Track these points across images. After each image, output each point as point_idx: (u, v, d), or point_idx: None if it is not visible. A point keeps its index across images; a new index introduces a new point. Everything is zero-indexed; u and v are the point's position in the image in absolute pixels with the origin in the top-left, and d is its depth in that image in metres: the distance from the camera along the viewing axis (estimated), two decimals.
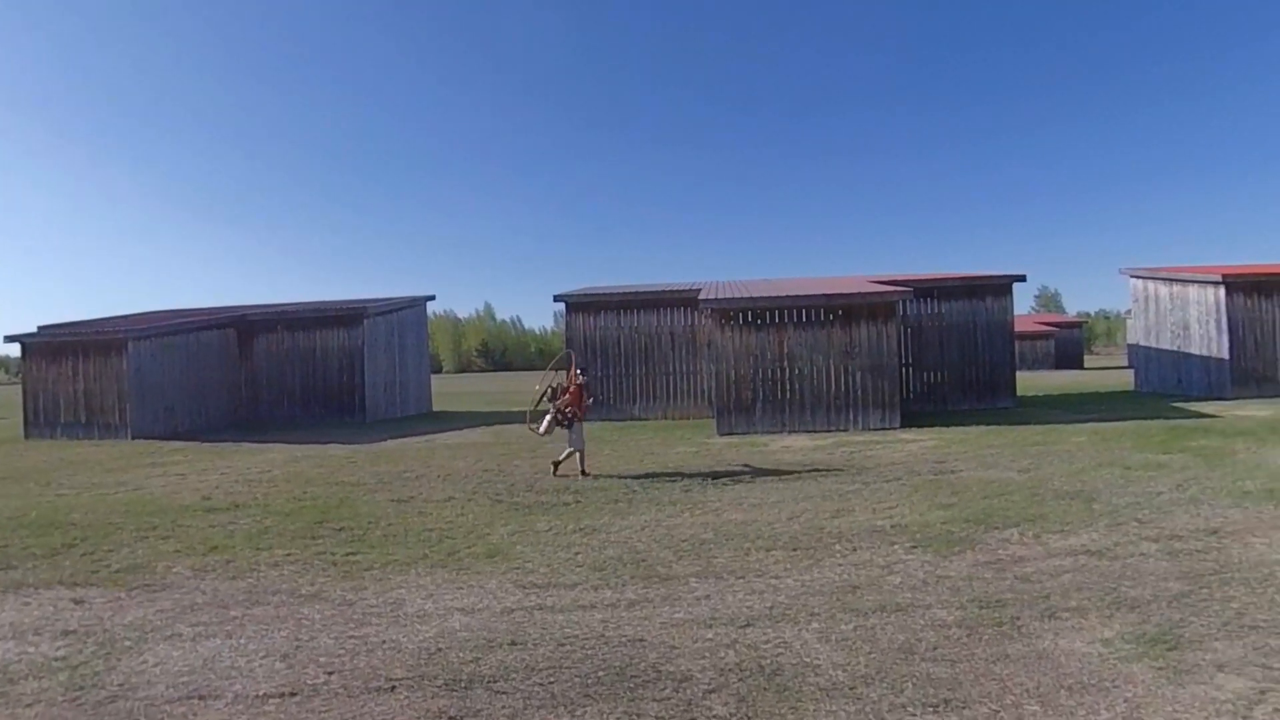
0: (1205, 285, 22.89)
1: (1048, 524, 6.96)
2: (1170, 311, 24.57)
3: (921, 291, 19.84)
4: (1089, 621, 4.58)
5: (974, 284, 20.33)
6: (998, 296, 20.39)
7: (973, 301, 20.23)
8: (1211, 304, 22.60)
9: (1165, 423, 15.04)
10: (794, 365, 15.33)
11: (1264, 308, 22.17)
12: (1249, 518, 7.07)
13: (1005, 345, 20.44)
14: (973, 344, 20.19)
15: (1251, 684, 3.70)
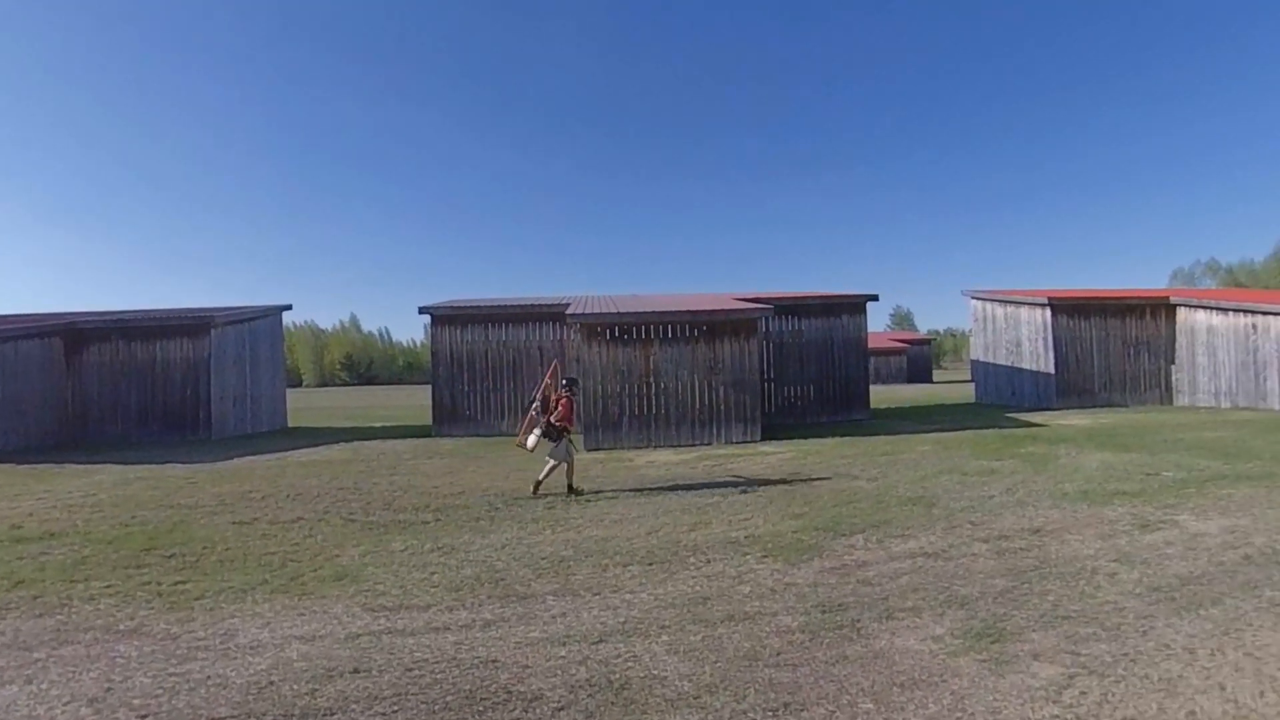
0: (1035, 307, 25.07)
1: (891, 529, 7.37)
2: (1005, 330, 26.73)
3: (783, 309, 20.68)
4: (923, 620, 4.87)
5: (831, 303, 21.38)
6: (853, 315, 21.54)
7: (830, 319, 21.27)
8: (1040, 324, 24.78)
9: (999, 431, 16.31)
10: (660, 381, 15.56)
11: (1083, 327, 24.52)
12: (1066, 517, 7.75)
13: (860, 361, 21.59)
14: (830, 360, 21.22)
15: (1061, 670, 4.04)
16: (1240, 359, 22.90)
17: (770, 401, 20.60)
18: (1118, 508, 8.09)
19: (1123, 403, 24.31)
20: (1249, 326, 22.70)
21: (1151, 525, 7.25)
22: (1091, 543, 6.66)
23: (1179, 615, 4.79)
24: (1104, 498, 8.64)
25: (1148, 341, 24.92)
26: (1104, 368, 24.52)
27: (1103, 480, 9.76)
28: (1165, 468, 10.69)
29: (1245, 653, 4.19)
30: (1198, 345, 24.22)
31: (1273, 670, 3.96)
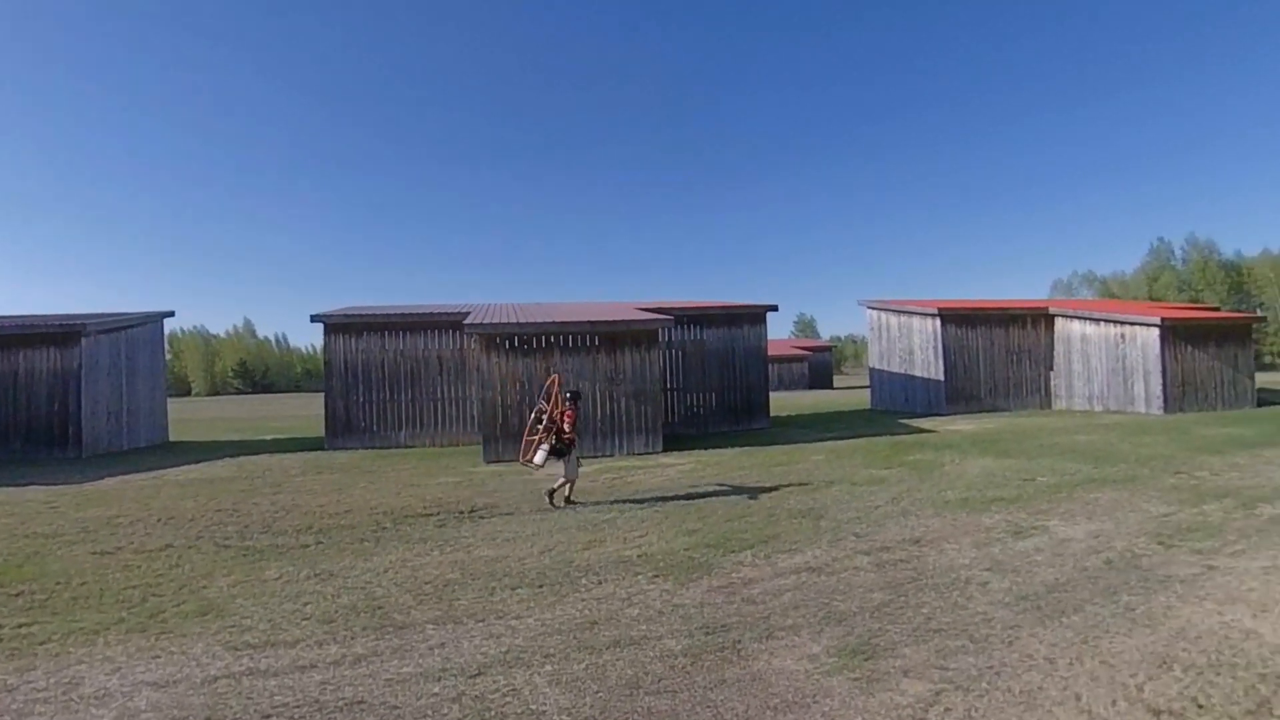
0: (926, 317, 26.12)
1: (779, 544, 7.45)
2: (899, 339, 27.75)
3: (685, 319, 20.86)
4: (801, 639, 4.91)
5: (733, 313, 21.70)
6: (754, 324, 21.93)
7: (732, 329, 21.58)
8: (930, 333, 25.83)
9: (891, 438, 16.86)
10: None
11: (970, 336, 25.70)
12: (946, 526, 8.02)
13: (760, 370, 21.98)
14: (732, 369, 21.52)
15: (929, 686, 4.13)
16: (1111, 366, 24.49)
17: (673, 411, 20.73)
18: (994, 514, 8.45)
19: (1006, 408, 25.59)
20: (1118, 336, 24.31)
21: (1024, 532, 7.60)
22: (967, 551, 6.91)
23: (1043, 624, 4.99)
24: (982, 504, 9.02)
25: (1029, 349, 26.35)
26: (989, 374, 25.78)
27: (983, 487, 10.19)
28: (1040, 473, 11.27)
29: (1101, 661, 4.39)
30: (1073, 353, 25.76)
31: (1125, 678, 4.16)
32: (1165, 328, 23.11)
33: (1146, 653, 4.47)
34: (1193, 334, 23.91)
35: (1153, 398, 23.17)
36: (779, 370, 59.81)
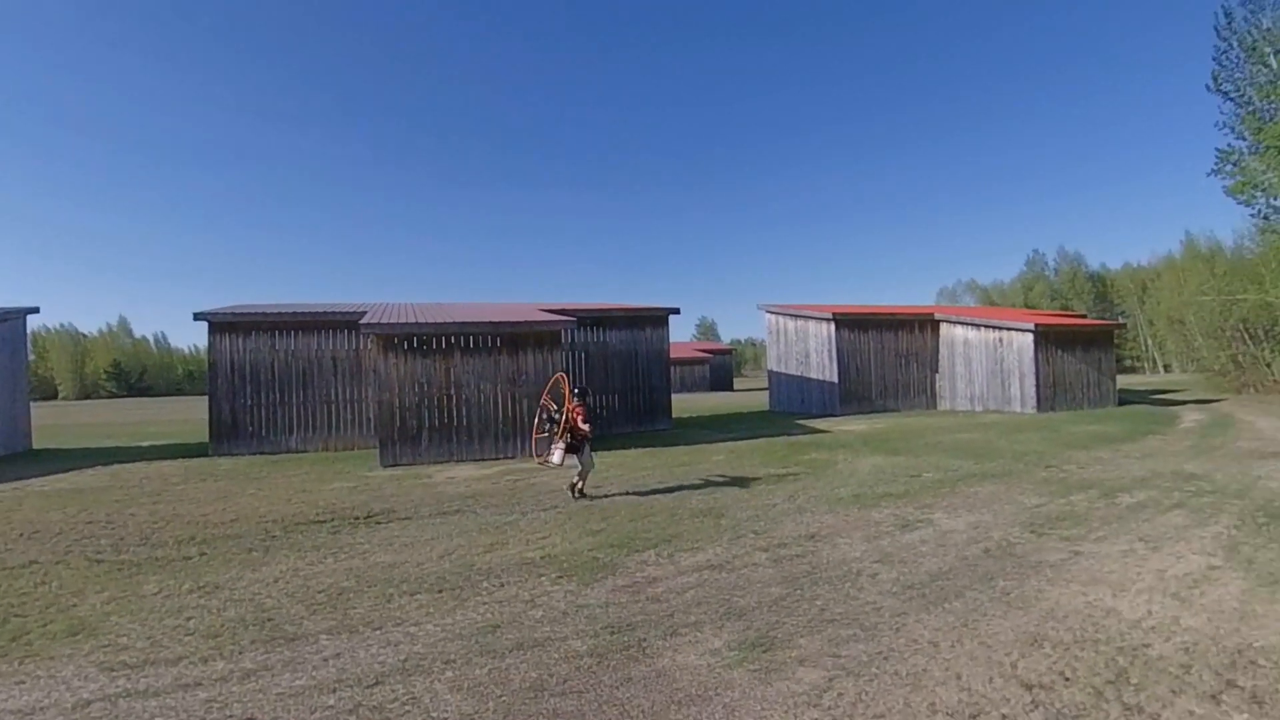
0: (821, 321, 27.02)
1: (682, 543, 7.56)
2: (796, 342, 28.59)
3: (588, 321, 20.86)
4: (704, 635, 5.01)
5: (636, 315, 21.85)
6: (656, 327, 22.15)
7: (634, 331, 21.73)
8: (825, 337, 26.73)
9: (788, 439, 17.36)
10: (462, 393, 15.13)
11: (862, 341, 26.74)
12: (839, 521, 8.33)
13: (663, 372, 22.22)
14: (634, 371, 21.67)
15: (824, 674, 4.29)
16: (990, 368, 25.99)
17: None
18: (884, 509, 8.84)
19: (896, 408, 26.77)
20: (997, 340, 25.82)
21: (911, 525, 7.98)
22: (859, 545, 7.21)
23: (928, 610, 5.27)
24: (873, 500, 9.42)
25: (916, 353, 27.65)
26: (880, 377, 26.91)
27: (873, 483, 10.65)
28: (926, 469, 11.86)
29: (980, 642, 4.68)
30: (956, 356, 27.20)
31: (1001, 657, 4.44)
32: (1038, 333, 24.71)
33: (1020, 633, 4.80)
34: (1062, 339, 25.67)
35: (1027, 398, 24.74)
36: (681, 372, 60.64)
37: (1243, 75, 28.25)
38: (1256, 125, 27.73)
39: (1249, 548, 6.85)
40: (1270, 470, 11.45)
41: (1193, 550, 6.79)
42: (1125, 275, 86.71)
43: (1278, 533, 7.38)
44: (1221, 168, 29.01)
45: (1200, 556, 6.58)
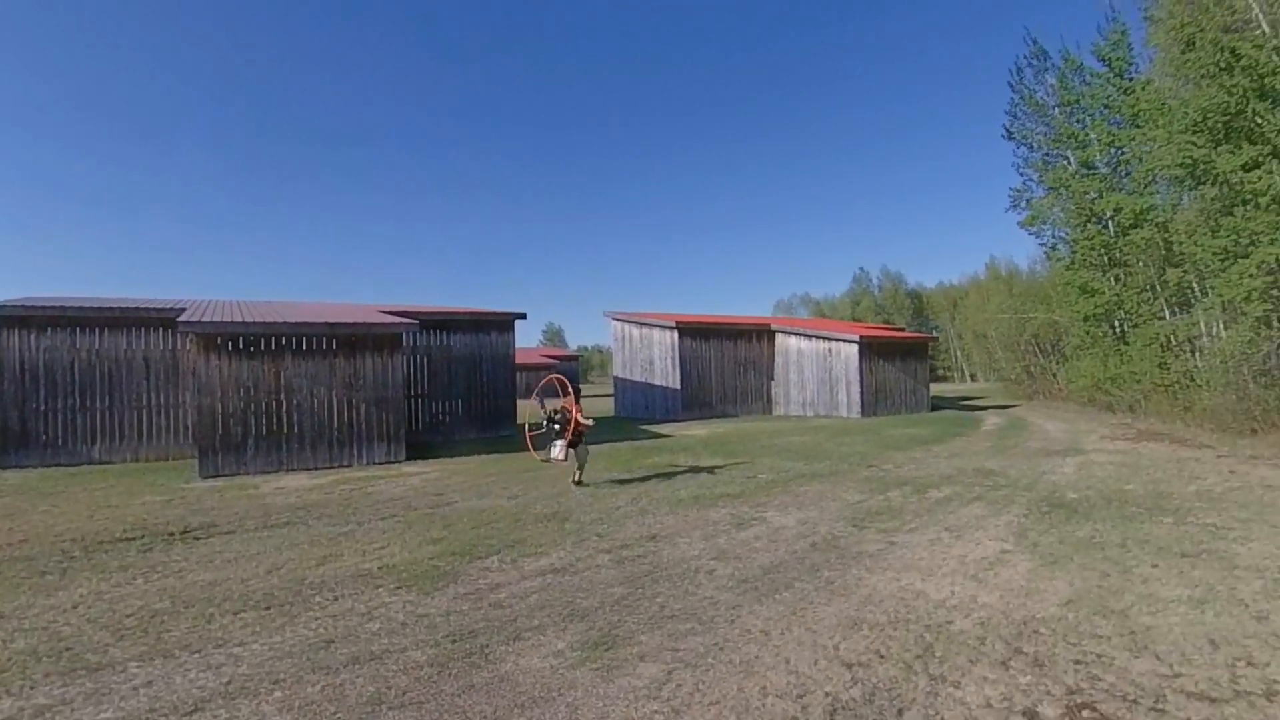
0: (665, 329, 27.72)
1: (525, 548, 7.54)
2: (641, 349, 29.16)
3: (431, 324, 20.34)
4: (547, 637, 5.03)
5: (481, 319, 21.50)
6: (502, 332, 21.89)
7: (479, 335, 21.38)
8: (669, 344, 27.43)
9: (632, 443, 17.68)
10: (293, 398, 14.29)
11: (704, 349, 27.65)
12: (679, 521, 8.60)
13: (508, 377, 21.99)
14: (479, 376, 21.31)
15: (663, 667, 4.44)
16: (820, 376, 27.64)
17: (417, 419, 20.11)
18: (721, 509, 9.22)
19: (735, 413, 27.91)
20: (826, 350, 27.50)
21: (746, 523, 8.38)
22: (697, 543, 7.49)
23: (760, 602, 5.57)
24: (712, 500, 9.80)
25: (754, 361, 28.95)
26: (720, 383, 27.96)
27: (712, 485, 11.07)
28: (761, 471, 12.46)
29: (807, 628, 5.00)
30: (790, 365, 28.73)
31: (824, 640, 4.77)
32: (863, 344, 26.58)
33: (842, 618, 5.17)
34: (884, 350, 27.75)
35: (853, 403, 26.52)
36: (527, 378, 60.10)
37: (1031, 126, 31.90)
38: (1042, 169, 31.39)
39: (1034, 533, 7.73)
40: (1053, 466, 12.93)
41: (989, 537, 7.58)
42: (939, 293, 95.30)
43: (1058, 519, 8.37)
44: (1016, 203, 32.51)
45: (995, 542, 7.35)
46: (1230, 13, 17.46)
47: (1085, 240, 28.48)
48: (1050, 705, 3.89)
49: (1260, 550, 6.92)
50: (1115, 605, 5.44)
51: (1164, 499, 9.59)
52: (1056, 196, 30.59)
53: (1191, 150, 18.81)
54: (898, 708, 3.86)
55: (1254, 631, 4.89)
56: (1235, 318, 19.16)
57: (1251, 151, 16.29)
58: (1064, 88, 30.51)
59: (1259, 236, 16.14)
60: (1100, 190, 27.83)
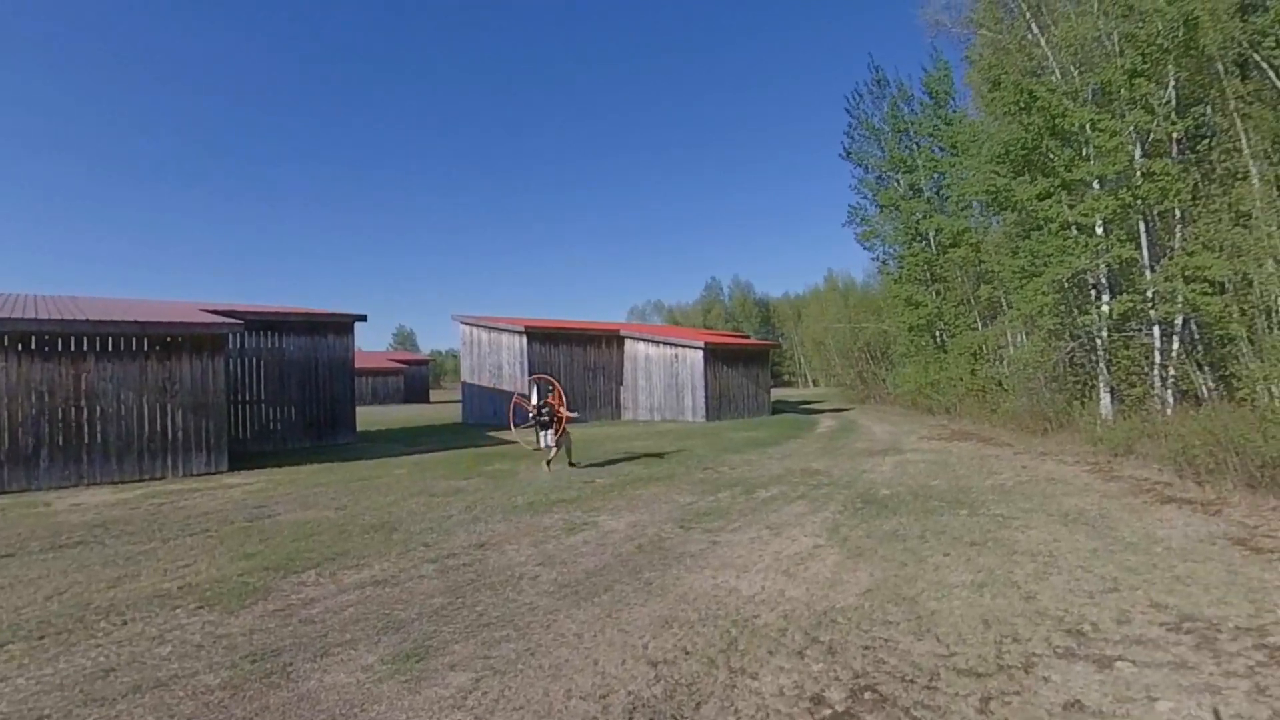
0: (514, 334, 27.48)
1: (347, 560, 7.27)
2: (489, 354, 28.76)
3: (261, 325, 19.18)
4: (357, 651, 4.88)
5: (316, 320, 20.49)
6: (340, 334, 20.95)
7: (315, 338, 20.36)
8: (518, 349, 27.22)
9: (476, 450, 17.42)
10: (96, 404, 13.04)
11: (553, 353, 27.63)
12: (511, 528, 8.57)
13: (346, 382, 21.07)
14: (314, 380, 20.29)
15: (472, 676, 4.42)
16: (667, 381, 28.29)
17: (244, 426, 18.88)
18: (555, 515, 9.27)
19: (584, 418, 27.97)
20: (673, 356, 28.20)
21: (577, 528, 8.47)
22: (525, 550, 7.49)
23: (578, 606, 5.65)
24: (546, 506, 9.83)
25: (604, 366, 29.25)
26: (569, 388, 27.97)
27: (549, 491, 11.10)
28: (600, 475, 12.62)
29: (619, 629, 5.13)
30: (639, 370, 29.24)
31: (635, 640, 4.91)
32: (707, 351, 27.47)
33: (655, 617, 5.35)
34: (728, 356, 28.80)
35: (698, 408, 27.34)
36: (373, 383, 57.91)
37: (867, 149, 34.33)
38: (876, 189, 33.82)
39: (846, 528, 8.28)
40: (874, 465, 13.89)
41: (805, 533, 8.05)
42: (785, 303, 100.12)
43: (869, 514, 9.01)
44: (853, 220, 34.81)
45: (810, 538, 7.82)
46: (1029, 59, 19.40)
47: (911, 256, 30.88)
48: (837, 689, 4.19)
49: (1037, 537, 7.74)
50: (907, 592, 5.93)
51: (964, 493, 10.53)
52: (888, 215, 33.03)
53: (995, 179, 20.81)
54: (696, 701, 4.04)
55: (1021, 610, 5.47)
56: (1032, 329, 21.33)
57: (1044, 183, 18.14)
58: (896, 115, 33.01)
59: (1049, 258, 18.00)
60: (925, 211, 30.29)
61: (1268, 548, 7.08)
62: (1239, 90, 14.29)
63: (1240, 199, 13.28)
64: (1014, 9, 20.25)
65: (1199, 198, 15.22)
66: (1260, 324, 12.50)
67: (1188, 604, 5.52)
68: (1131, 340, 17.02)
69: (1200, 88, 15.63)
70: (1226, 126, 14.88)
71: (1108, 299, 17.32)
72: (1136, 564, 6.64)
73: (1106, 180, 16.94)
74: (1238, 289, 13.36)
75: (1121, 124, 16.16)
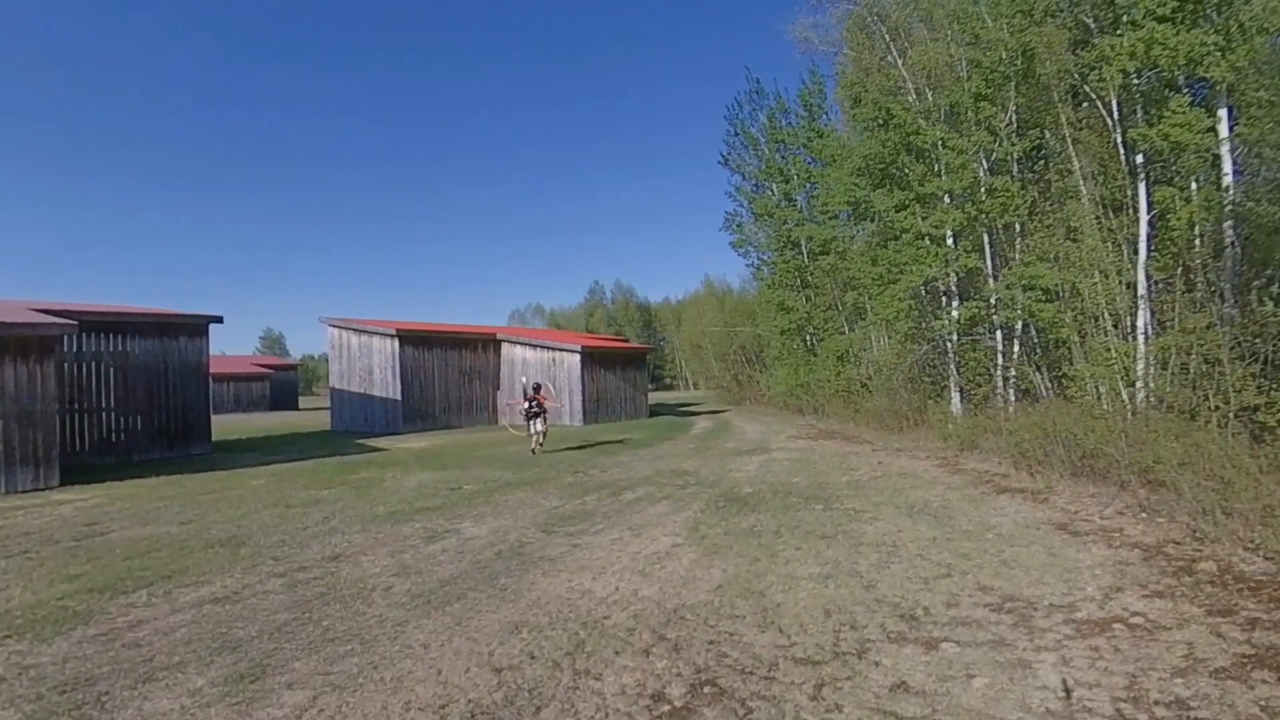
0: (385, 337, 26.63)
1: (186, 578, 6.84)
2: (360, 358, 27.73)
3: (100, 326, 17.74)
4: (186, 675, 4.60)
5: (166, 322, 19.13)
6: (193, 337, 19.62)
7: (165, 341, 19.00)
8: (389, 353, 26.41)
9: (341, 459, 16.77)
10: None
11: (427, 358, 26.98)
12: (368, 539, 8.30)
13: (200, 388, 19.78)
14: (164, 387, 18.92)
15: (310, 693, 4.26)
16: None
17: (82, 437, 17.39)
18: (416, 523, 9.05)
19: (459, 424, 27.52)
20: (551, 359, 28.09)
21: (438, 536, 8.30)
22: (381, 560, 7.28)
23: (429, 616, 5.54)
24: (409, 515, 9.58)
25: (480, 370, 28.80)
26: (444, 394, 27.44)
27: (414, 499, 10.83)
28: (468, 481, 12.42)
29: (468, 638, 5.06)
30: (516, 374, 28.92)
31: (482, 648, 4.87)
32: (585, 354, 27.53)
33: (505, 623, 5.32)
34: (606, 359, 28.96)
35: (575, 411, 27.35)
36: (235, 389, 54.73)
37: (744, 158, 35.38)
38: (752, 197, 34.91)
39: (706, 526, 8.50)
40: (741, 464, 14.31)
41: (665, 533, 8.21)
42: (665, 307, 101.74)
43: (730, 513, 9.28)
44: (729, 226, 35.78)
45: (669, 538, 7.98)
46: (888, 79, 20.52)
47: (784, 263, 32.03)
48: (678, 685, 4.30)
49: (883, 529, 8.19)
50: (757, 586, 6.15)
51: (821, 489, 11.01)
52: (762, 223, 34.15)
53: (857, 191, 21.93)
54: (536, 705, 4.05)
55: (861, 599, 5.77)
56: (891, 333, 22.56)
57: (900, 195, 19.23)
58: (773, 126, 34.16)
59: (905, 266, 19.10)
60: (798, 220, 31.50)
61: (1084, 530, 7.78)
62: (1071, 117, 15.61)
63: (1071, 215, 14.48)
64: (875, 32, 21.37)
65: (1035, 213, 16.51)
66: (1089, 329, 13.65)
67: (1010, 586, 5.99)
68: (978, 343, 18.28)
69: (1038, 113, 16.97)
70: (1060, 149, 16.22)
71: (957, 305, 18.54)
72: (970, 550, 7.14)
73: (955, 195, 18.12)
74: (1068, 297, 14.56)
75: (968, 143, 17.35)
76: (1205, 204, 12.52)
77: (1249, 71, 11.95)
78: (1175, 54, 12.40)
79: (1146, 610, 5.28)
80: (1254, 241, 12.61)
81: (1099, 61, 13.90)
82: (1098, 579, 6.07)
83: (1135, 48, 12.81)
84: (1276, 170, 12.46)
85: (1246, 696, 3.91)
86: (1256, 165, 13.42)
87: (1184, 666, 4.32)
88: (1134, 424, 10.56)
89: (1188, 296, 11.87)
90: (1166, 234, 13.16)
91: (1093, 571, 6.30)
